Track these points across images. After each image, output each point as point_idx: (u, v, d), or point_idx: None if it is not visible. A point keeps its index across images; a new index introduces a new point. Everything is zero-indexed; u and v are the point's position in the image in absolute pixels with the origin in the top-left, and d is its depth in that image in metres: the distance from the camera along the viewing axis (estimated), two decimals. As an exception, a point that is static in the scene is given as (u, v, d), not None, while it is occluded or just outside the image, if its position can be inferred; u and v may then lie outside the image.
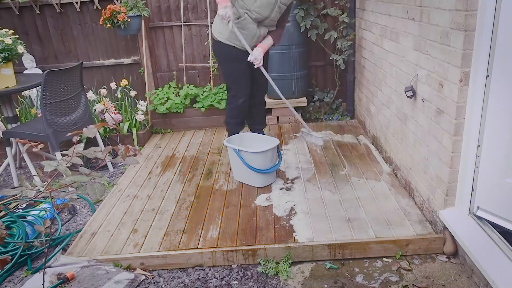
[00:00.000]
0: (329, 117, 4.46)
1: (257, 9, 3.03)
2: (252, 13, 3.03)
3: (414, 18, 2.54)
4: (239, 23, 3.08)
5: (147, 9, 4.21)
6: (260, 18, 3.08)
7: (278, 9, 3.07)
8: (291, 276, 2.22)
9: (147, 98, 4.44)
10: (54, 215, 2.88)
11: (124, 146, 1.51)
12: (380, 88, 3.39)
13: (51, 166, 1.38)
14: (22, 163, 3.95)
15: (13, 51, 3.20)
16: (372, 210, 2.61)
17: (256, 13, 3.03)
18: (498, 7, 1.85)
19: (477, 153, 2.08)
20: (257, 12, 3.03)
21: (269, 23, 3.16)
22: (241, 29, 3.10)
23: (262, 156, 2.91)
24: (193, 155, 3.75)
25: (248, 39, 3.13)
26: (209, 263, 2.35)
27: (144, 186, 3.20)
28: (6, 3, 4.30)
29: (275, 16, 3.12)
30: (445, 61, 2.15)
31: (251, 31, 3.11)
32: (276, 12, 3.08)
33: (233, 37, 3.15)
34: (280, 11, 3.11)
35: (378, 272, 2.21)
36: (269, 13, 3.05)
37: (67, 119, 3.35)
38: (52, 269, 2.30)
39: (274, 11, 3.06)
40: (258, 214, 2.67)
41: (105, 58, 4.59)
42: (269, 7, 3.03)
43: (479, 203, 2.15)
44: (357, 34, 4.09)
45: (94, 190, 1.42)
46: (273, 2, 3.02)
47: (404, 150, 2.87)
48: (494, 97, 1.95)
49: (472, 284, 2.07)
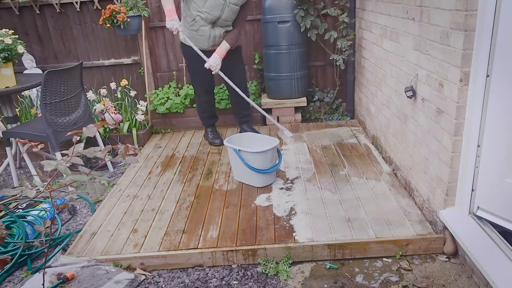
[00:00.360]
0: (329, 117, 4.46)
1: (207, 10, 3.15)
2: (204, 13, 3.16)
3: (414, 18, 2.54)
4: (193, 25, 3.24)
5: (147, 9, 4.21)
6: (212, 19, 3.20)
7: (229, 9, 3.18)
8: (291, 276, 2.22)
9: (147, 98, 4.44)
10: (54, 215, 2.88)
11: (124, 145, 1.51)
12: (380, 88, 3.39)
13: (51, 165, 1.38)
14: (22, 163, 3.95)
15: (13, 51, 3.20)
16: (372, 210, 2.61)
17: (206, 13, 3.16)
18: (498, 7, 1.85)
19: (477, 153, 2.08)
20: (207, 12, 3.16)
21: (223, 23, 3.27)
22: (196, 32, 3.26)
23: (262, 156, 2.91)
24: (193, 155, 3.75)
25: (204, 41, 3.30)
26: (209, 263, 2.35)
27: (144, 186, 3.20)
28: (6, 3, 4.30)
29: (228, 16, 3.23)
30: (445, 61, 2.15)
31: (206, 32, 3.27)
32: (227, 12, 3.20)
33: (191, 38, 3.33)
34: (233, 11, 3.22)
35: (378, 272, 2.21)
36: (219, 13, 3.17)
37: (67, 119, 3.35)
38: (52, 269, 2.30)
39: (225, 11, 3.18)
40: (258, 214, 2.67)
41: (105, 58, 4.59)
42: (219, 7, 3.15)
43: (479, 203, 2.15)
44: (357, 34, 4.09)
45: (94, 190, 1.42)
46: (222, 2, 3.14)
47: (404, 150, 2.87)
48: (494, 97, 1.95)
49: (472, 284, 2.07)
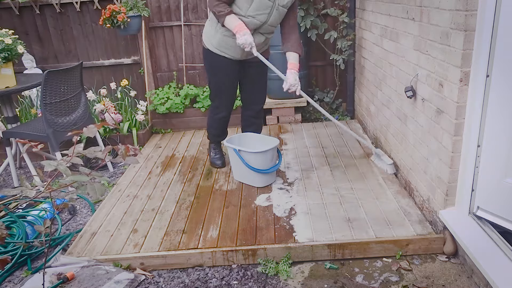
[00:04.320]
0: (329, 117, 4.46)
1: (252, 13, 2.67)
2: (248, 18, 2.69)
3: (414, 18, 2.54)
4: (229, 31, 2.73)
5: (147, 9, 4.21)
6: (257, 24, 2.72)
7: (277, 12, 2.73)
8: (291, 276, 2.22)
9: (147, 98, 4.44)
10: (54, 215, 2.88)
11: (124, 146, 1.51)
12: (380, 88, 3.39)
13: (51, 166, 1.38)
14: (22, 163, 3.95)
15: (13, 51, 3.19)
16: (372, 210, 2.61)
17: (252, 17, 2.68)
18: (498, 7, 1.85)
19: (477, 153, 2.08)
20: (252, 16, 2.68)
21: (266, 30, 2.81)
22: (231, 38, 2.78)
23: (262, 156, 2.91)
24: (193, 155, 3.75)
25: (237, 50, 2.83)
26: (209, 263, 2.35)
27: (144, 186, 3.20)
28: (6, 3, 4.30)
29: (275, 21, 2.78)
30: (445, 61, 2.15)
31: None
32: (274, 16, 2.73)
33: (223, 45, 2.86)
34: (280, 15, 2.77)
35: (378, 272, 2.21)
36: (266, 17, 2.71)
37: (67, 119, 3.35)
38: (52, 269, 2.30)
39: (273, 14, 2.72)
40: (258, 214, 2.67)
41: (105, 58, 4.59)
42: (266, 10, 2.68)
43: (479, 203, 2.15)
44: (357, 34, 4.09)
45: (94, 190, 1.42)
46: (270, 4, 2.67)
47: (404, 150, 2.87)
48: (494, 97, 1.95)
49: (472, 284, 2.07)
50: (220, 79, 3.04)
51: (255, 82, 3.07)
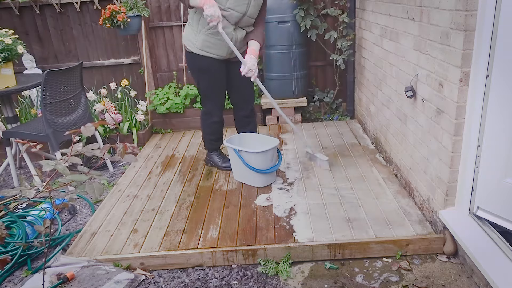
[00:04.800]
0: (329, 117, 4.46)
1: (231, 6, 2.72)
2: (228, 10, 2.73)
3: (414, 18, 2.54)
4: (213, 28, 2.77)
5: (147, 9, 4.21)
6: (238, 17, 2.78)
7: (255, 3, 2.80)
8: (291, 276, 2.22)
9: (147, 98, 4.44)
10: (54, 215, 2.88)
11: (122, 144, 1.50)
12: (380, 88, 3.39)
13: (49, 165, 1.38)
14: (22, 163, 3.95)
15: (13, 51, 3.20)
16: (372, 210, 2.61)
17: (231, 10, 2.73)
18: (498, 7, 1.84)
19: (477, 153, 2.08)
20: (232, 8, 2.73)
21: (246, 22, 2.86)
22: (214, 36, 2.81)
23: (262, 156, 2.90)
24: (193, 155, 3.75)
25: (223, 47, 2.86)
26: (209, 263, 2.35)
27: (144, 186, 3.20)
28: (6, 3, 4.30)
29: (253, 13, 2.83)
30: (445, 61, 2.14)
31: (228, 35, 2.79)
32: (253, 7, 2.80)
33: (207, 45, 2.88)
34: (258, 6, 2.84)
35: (378, 272, 2.21)
36: (245, 8, 2.77)
37: (67, 119, 3.35)
38: (52, 269, 2.30)
39: (251, 5, 2.78)
40: (258, 214, 2.67)
41: (105, 58, 4.59)
42: (244, 1, 2.75)
43: (479, 203, 2.15)
44: (357, 34, 4.09)
45: (93, 189, 1.41)
46: None
47: (404, 150, 2.87)
48: (494, 97, 1.94)
49: (472, 284, 2.07)
50: (208, 81, 3.05)
51: (242, 80, 3.03)
